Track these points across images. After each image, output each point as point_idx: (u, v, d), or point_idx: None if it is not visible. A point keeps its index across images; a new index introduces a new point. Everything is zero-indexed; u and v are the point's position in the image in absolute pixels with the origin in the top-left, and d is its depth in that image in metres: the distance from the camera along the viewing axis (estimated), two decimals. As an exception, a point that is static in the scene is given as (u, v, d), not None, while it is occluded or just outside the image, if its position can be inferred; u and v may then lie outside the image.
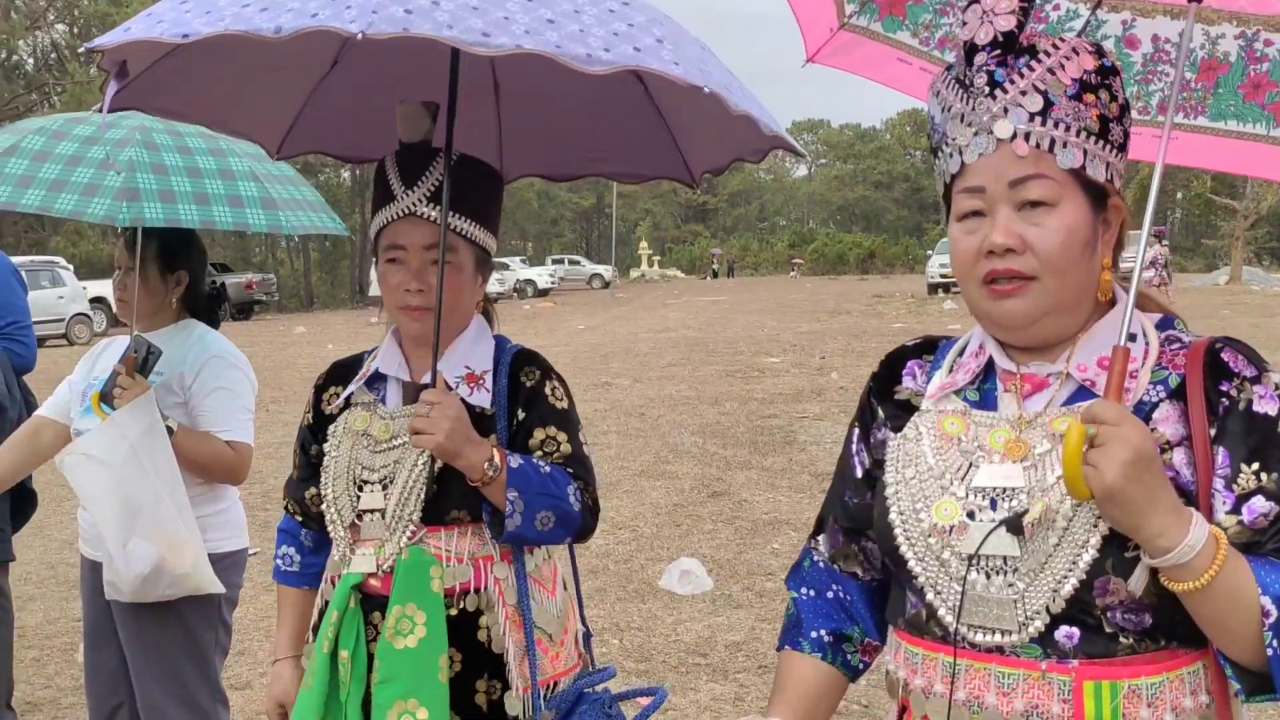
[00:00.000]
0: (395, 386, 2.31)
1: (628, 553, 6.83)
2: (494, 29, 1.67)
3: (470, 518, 2.19)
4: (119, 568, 3.10)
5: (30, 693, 5.08)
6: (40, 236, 41.15)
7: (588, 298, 42.44)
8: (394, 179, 2.23)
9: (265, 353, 20.93)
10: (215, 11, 1.74)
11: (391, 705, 2.11)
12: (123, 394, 3.07)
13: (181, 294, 3.40)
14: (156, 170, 3.22)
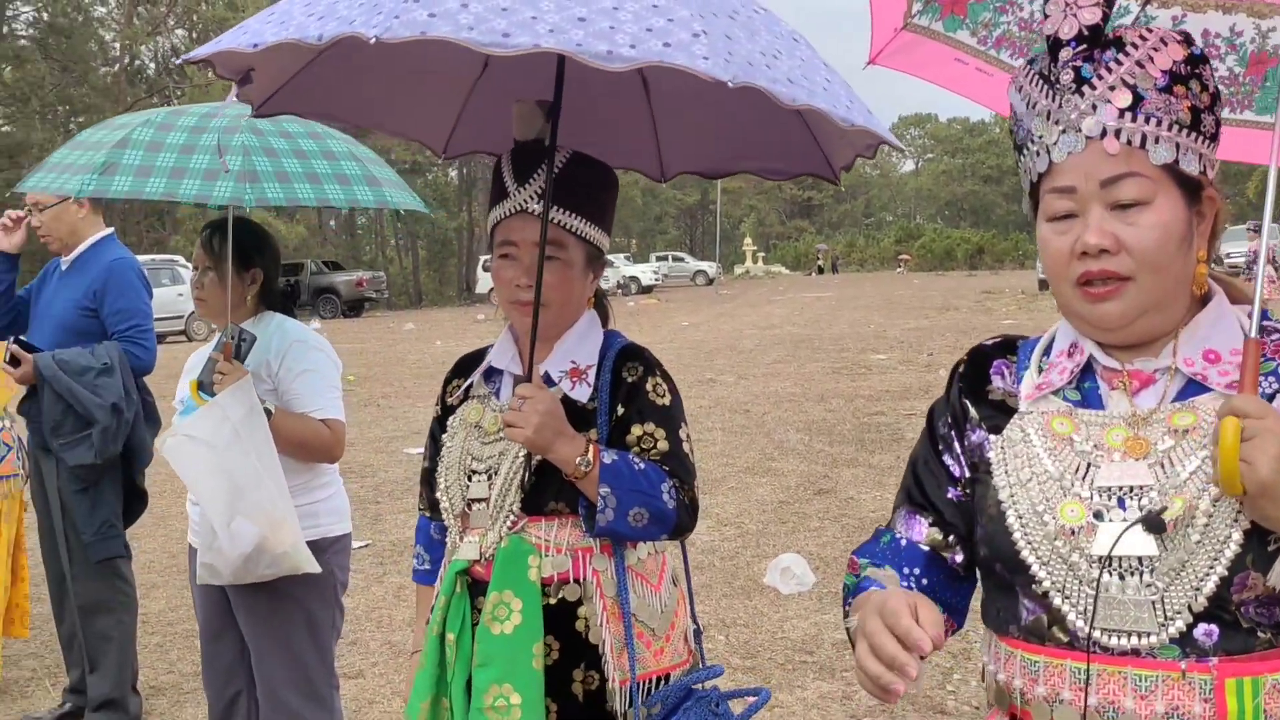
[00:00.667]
0: (508, 380, 2.35)
1: (733, 549, 6.82)
2: (516, 30, 1.68)
3: (569, 509, 2.22)
4: (222, 546, 3.17)
5: (154, 677, 5.25)
6: (161, 235, 42.42)
7: (691, 294, 42.44)
8: (508, 176, 2.27)
9: (375, 349, 21.31)
10: (286, 22, 1.84)
11: (488, 688, 2.15)
12: (223, 379, 3.17)
13: (257, 290, 3.50)
14: (268, 153, 3.33)
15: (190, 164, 3.26)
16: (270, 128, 3.39)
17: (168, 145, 3.29)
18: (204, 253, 3.44)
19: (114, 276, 4.57)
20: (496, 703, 2.13)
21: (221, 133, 3.33)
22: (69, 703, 4.82)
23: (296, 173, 3.35)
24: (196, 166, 3.26)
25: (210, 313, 3.47)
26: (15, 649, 5.59)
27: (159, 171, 3.24)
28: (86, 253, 4.65)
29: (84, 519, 4.49)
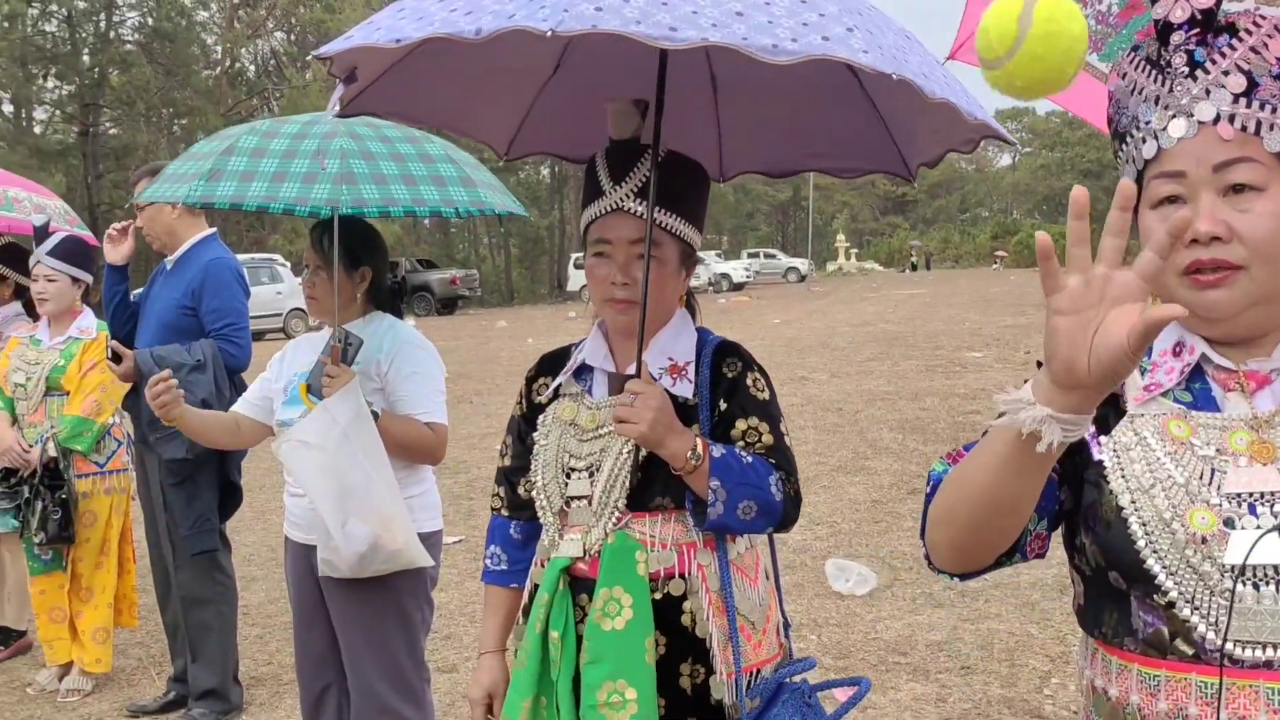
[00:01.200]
0: (601, 377, 2.36)
1: (826, 549, 6.76)
2: (681, 24, 1.68)
3: (674, 504, 2.23)
4: (339, 546, 3.24)
5: (253, 668, 5.36)
6: (261, 235, 43.30)
7: (783, 291, 42.21)
8: (603, 175, 2.27)
9: (469, 346, 21.53)
10: (426, 17, 1.83)
11: (600, 685, 2.16)
12: (331, 383, 3.23)
13: (366, 289, 3.55)
14: (365, 156, 3.38)
15: (291, 168, 3.33)
16: (369, 132, 3.44)
17: (270, 151, 3.37)
18: (314, 252, 3.50)
19: (211, 276, 4.68)
20: (611, 699, 2.15)
21: (322, 138, 3.39)
22: (173, 691, 4.94)
23: (393, 175, 3.40)
24: (297, 170, 3.34)
25: (321, 311, 3.53)
26: (123, 638, 5.74)
27: (261, 177, 3.32)
28: (187, 253, 4.77)
29: (181, 513, 4.60)
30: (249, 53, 50.29)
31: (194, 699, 4.77)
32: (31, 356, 5.12)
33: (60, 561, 5.09)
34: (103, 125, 46.87)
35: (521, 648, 2.30)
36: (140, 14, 47.73)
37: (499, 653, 2.49)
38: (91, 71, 45.35)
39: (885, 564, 6.45)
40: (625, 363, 2.33)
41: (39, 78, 45.44)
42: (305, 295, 3.58)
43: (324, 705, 3.64)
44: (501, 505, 2.53)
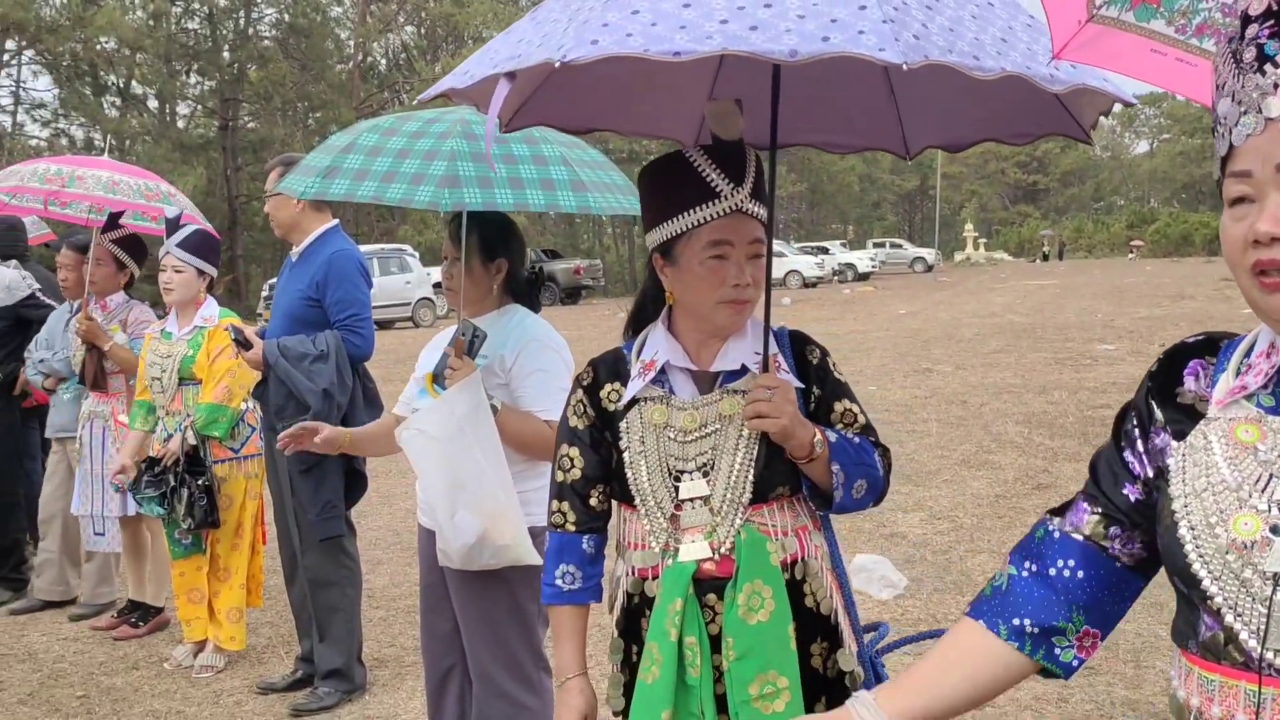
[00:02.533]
0: (684, 377, 2.34)
1: (946, 544, 6.67)
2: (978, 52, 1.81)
3: (789, 491, 2.27)
4: (448, 536, 3.30)
5: (377, 649, 5.49)
6: (391, 226, 44.19)
7: (909, 281, 41.63)
8: (714, 175, 2.24)
9: (591, 336, 21.68)
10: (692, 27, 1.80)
11: (753, 679, 2.18)
12: (453, 374, 3.27)
13: (503, 280, 3.58)
14: (475, 159, 3.38)
15: (401, 168, 3.35)
16: (482, 134, 3.46)
17: (386, 150, 3.40)
18: (452, 244, 3.53)
19: (334, 268, 4.79)
20: (765, 690, 2.17)
21: (437, 138, 3.41)
22: (300, 670, 5.10)
23: (500, 178, 3.39)
24: (406, 171, 3.35)
25: (458, 302, 3.57)
26: (254, 618, 5.94)
27: (373, 175, 3.36)
28: (312, 245, 4.90)
29: (308, 499, 4.73)
30: (380, 47, 51.31)
31: (320, 678, 4.91)
32: (164, 350, 5.32)
33: (199, 544, 5.28)
34: (241, 119, 48.30)
35: (648, 658, 2.26)
36: (277, 10, 49.04)
37: (582, 675, 2.42)
38: (231, 67, 46.73)
39: (1007, 560, 6.33)
40: (705, 361, 2.33)
41: (182, 74, 47.01)
42: (444, 287, 3.63)
43: (448, 686, 3.71)
44: (566, 521, 2.43)
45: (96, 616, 6.15)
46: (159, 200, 5.81)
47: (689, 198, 2.26)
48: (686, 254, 2.28)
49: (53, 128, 46.59)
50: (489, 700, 3.55)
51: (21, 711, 4.94)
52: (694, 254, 2.27)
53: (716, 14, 1.79)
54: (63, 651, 5.70)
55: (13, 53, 42.65)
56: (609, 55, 1.80)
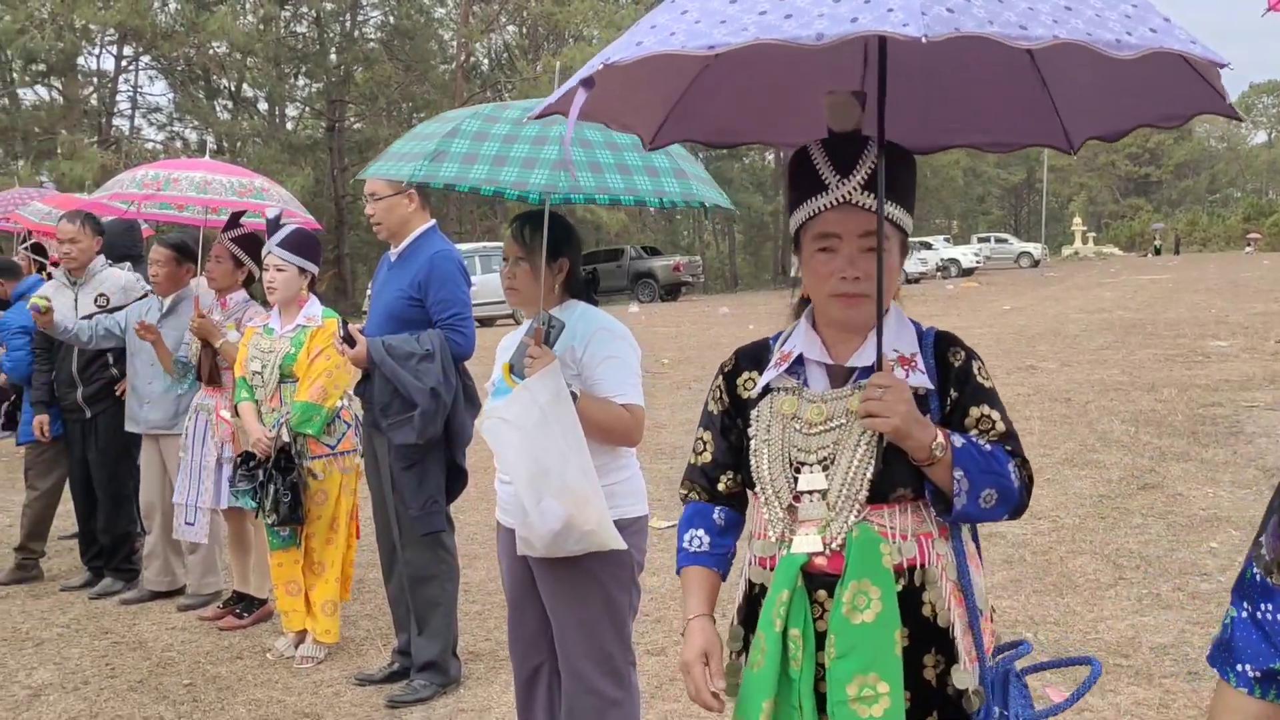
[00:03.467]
0: (818, 370, 2.34)
1: (1046, 544, 6.54)
2: (1027, 21, 1.70)
3: (913, 495, 2.22)
4: (533, 523, 3.32)
5: (473, 643, 5.56)
6: (493, 224, 44.63)
7: (1014, 277, 40.88)
8: (824, 168, 2.24)
9: (690, 333, 21.67)
10: (732, 21, 1.79)
11: (851, 679, 2.15)
12: (532, 364, 3.31)
13: (563, 279, 3.62)
14: (583, 144, 3.41)
15: (511, 152, 3.40)
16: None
17: (492, 135, 3.45)
18: (516, 244, 3.60)
19: (436, 268, 4.85)
20: (863, 693, 2.13)
21: (541, 124, 3.43)
22: (397, 663, 5.18)
23: (609, 164, 3.44)
24: (517, 155, 3.40)
25: (522, 301, 3.63)
26: (353, 611, 6.05)
27: (483, 159, 3.40)
28: (412, 245, 4.96)
29: (410, 495, 4.81)
30: (483, 47, 51.80)
31: (416, 670, 4.99)
32: (265, 345, 5.45)
33: (296, 538, 5.40)
34: (347, 120, 49.18)
35: (756, 648, 2.28)
36: (382, 13, 49.83)
37: (706, 616, 2.42)
38: (338, 69, 47.62)
39: (1110, 562, 6.19)
40: (842, 355, 2.31)
41: (290, 77, 48.03)
42: (506, 287, 3.68)
43: (536, 683, 3.75)
44: (695, 492, 2.51)
45: (203, 607, 6.33)
46: (252, 196, 5.96)
47: (804, 191, 2.28)
48: (805, 247, 2.30)
49: (168, 131, 47.97)
50: (579, 696, 3.58)
51: (132, 698, 5.09)
52: (808, 247, 2.29)
53: (758, 6, 1.80)
54: (171, 640, 5.87)
55: (130, 59, 43.97)
56: (651, 54, 1.81)
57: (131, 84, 46.00)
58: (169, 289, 6.32)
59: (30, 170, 31.88)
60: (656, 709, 4.62)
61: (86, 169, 31.63)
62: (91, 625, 6.18)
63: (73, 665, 5.54)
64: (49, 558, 7.39)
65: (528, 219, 3.57)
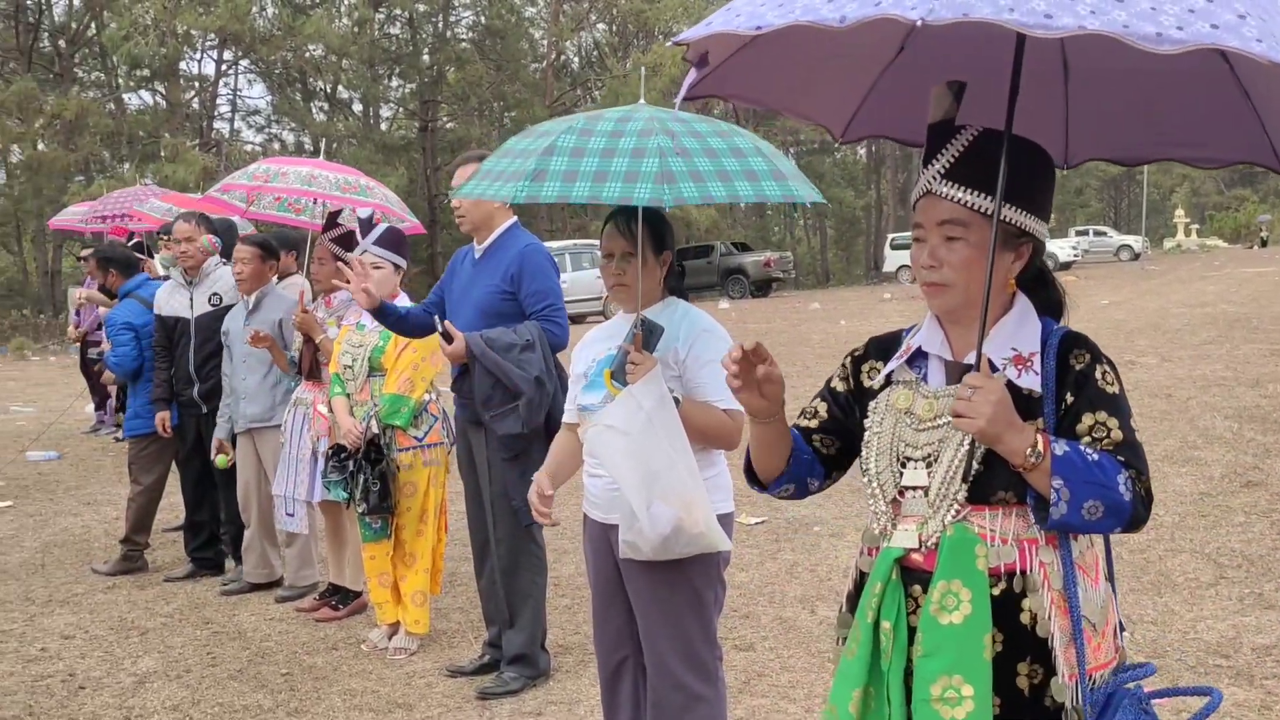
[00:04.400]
0: (937, 365, 2.32)
1: (1144, 542, 6.41)
2: (1056, 9, 1.65)
3: (1016, 499, 2.16)
4: (643, 529, 3.32)
5: (562, 637, 5.61)
6: (582, 221, 44.84)
7: (1113, 270, 40.03)
8: (922, 159, 2.28)
9: (781, 328, 21.58)
10: (787, 4, 1.85)
11: (935, 679, 2.13)
12: (634, 370, 3.31)
13: (666, 273, 3.62)
14: (682, 154, 3.39)
15: (611, 167, 3.37)
16: (681, 128, 3.45)
17: (589, 150, 3.41)
18: (622, 239, 3.56)
19: (528, 261, 4.92)
20: (946, 694, 2.11)
21: (638, 135, 3.41)
22: (488, 655, 5.24)
23: (708, 171, 3.39)
24: (618, 169, 3.36)
25: (629, 298, 3.59)
26: (444, 603, 6.14)
27: (583, 176, 3.36)
28: (498, 241, 5.02)
29: (514, 486, 4.86)
30: (573, 45, 52.07)
31: (506, 663, 5.05)
32: (356, 340, 5.56)
33: (387, 530, 5.50)
34: (440, 120, 49.77)
35: (851, 636, 2.29)
36: (474, 13, 50.35)
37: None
38: (430, 70, 48.18)
39: (1210, 560, 6.05)
40: (963, 350, 2.28)
41: (384, 78, 48.74)
42: (613, 284, 3.63)
43: (621, 677, 3.77)
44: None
45: (300, 599, 6.46)
46: (356, 193, 6.07)
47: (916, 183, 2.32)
48: None
49: (266, 133, 49.06)
50: (665, 691, 3.58)
51: (232, 686, 5.22)
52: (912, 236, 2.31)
53: None
54: (269, 631, 6.01)
55: (230, 63, 44.99)
56: (716, 34, 1.94)
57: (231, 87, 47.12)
58: (253, 286, 6.48)
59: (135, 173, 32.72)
60: (744, 704, 4.62)
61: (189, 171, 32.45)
62: (194, 615, 6.35)
63: (176, 654, 5.70)
64: (153, 550, 7.59)
65: (630, 213, 3.54)
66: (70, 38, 41.24)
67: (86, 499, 9.65)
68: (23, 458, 11.63)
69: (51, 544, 8.17)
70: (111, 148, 39.76)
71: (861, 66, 2.53)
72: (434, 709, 4.85)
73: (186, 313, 6.87)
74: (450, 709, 4.84)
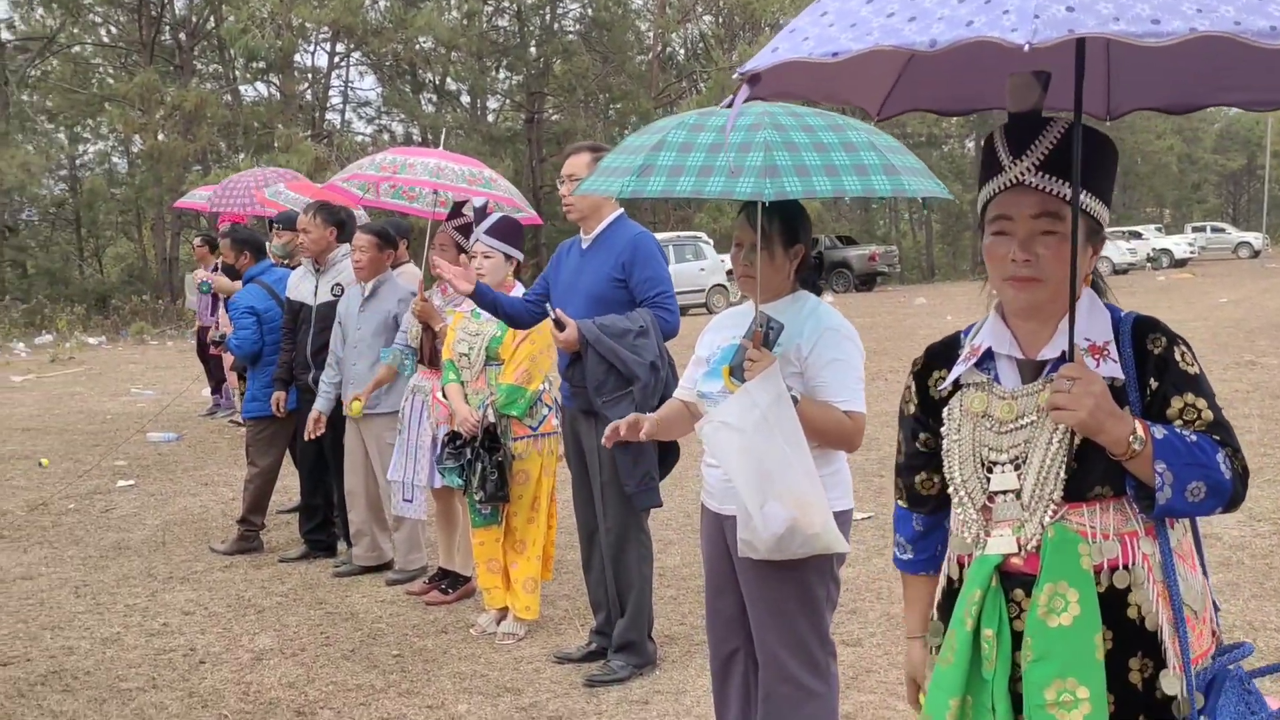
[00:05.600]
0: (1009, 365, 2.28)
1: (1267, 547, 6.23)
2: (1163, 14, 1.61)
3: (1113, 492, 2.13)
4: (756, 528, 3.30)
5: (668, 627, 5.63)
6: (686, 214, 44.82)
7: (1231, 268, 38.89)
8: (1002, 150, 2.21)
9: (885, 323, 21.38)
10: (860, 25, 1.80)
11: (1049, 683, 2.10)
12: (752, 366, 3.28)
13: (797, 267, 3.58)
14: (789, 148, 3.37)
15: (717, 163, 3.37)
16: (792, 122, 3.43)
17: (697, 145, 3.42)
18: (751, 229, 3.53)
19: (640, 249, 4.96)
20: (1061, 697, 2.09)
21: (746, 130, 3.40)
22: (595, 643, 5.28)
23: (815, 165, 3.37)
24: (723, 164, 3.38)
25: (754, 289, 3.60)
26: (552, 590, 6.20)
27: (689, 171, 3.38)
28: (606, 230, 5.06)
29: (627, 471, 4.89)
30: (679, 37, 52.00)
31: (613, 651, 5.08)
32: (472, 328, 5.63)
33: (497, 516, 5.57)
34: (545, 112, 50.09)
35: (946, 645, 2.26)
36: (581, 5, 50.51)
37: (920, 639, 2.50)
38: (537, 62, 48.50)
39: (1338, 568, 5.86)
40: (1032, 346, 2.24)
41: (492, 70, 49.18)
42: (740, 274, 3.60)
43: (732, 667, 3.77)
44: (901, 498, 2.54)
45: (410, 582, 6.57)
46: (481, 185, 6.14)
47: (986, 174, 2.25)
48: (985, 231, 2.26)
49: (376, 124, 49.79)
50: (775, 684, 3.58)
51: (345, 665, 5.34)
52: (987, 230, 2.24)
53: (887, 8, 1.78)
54: (380, 613, 6.12)
55: (342, 55, 45.77)
56: (784, 61, 1.86)
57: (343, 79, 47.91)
58: (370, 274, 6.60)
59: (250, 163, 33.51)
60: (851, 699, 4.59)
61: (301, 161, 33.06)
62: (308, 595, 6.49)
63: (291, 632, 5.84)
64: (268, 530, 7.79)
65: (765, 205, 3.51)
66: (190, 31, 42.28)
67: (204, 480, 9.93)
68: (143, 438, 12.00)
69: (171, 522, 8.42)
70: (228, 138, 40.70)
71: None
72: (542, 694, 4.90)
73: (310, 299, 7.02)
74: (558, 694, 4.89)
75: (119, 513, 8.80)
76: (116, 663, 5.46)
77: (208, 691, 5.06)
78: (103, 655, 5.57)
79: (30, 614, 6.26)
